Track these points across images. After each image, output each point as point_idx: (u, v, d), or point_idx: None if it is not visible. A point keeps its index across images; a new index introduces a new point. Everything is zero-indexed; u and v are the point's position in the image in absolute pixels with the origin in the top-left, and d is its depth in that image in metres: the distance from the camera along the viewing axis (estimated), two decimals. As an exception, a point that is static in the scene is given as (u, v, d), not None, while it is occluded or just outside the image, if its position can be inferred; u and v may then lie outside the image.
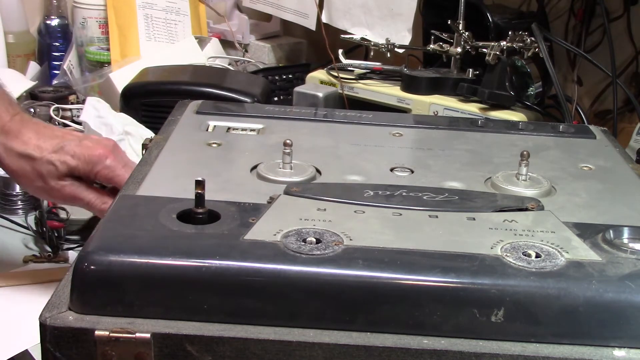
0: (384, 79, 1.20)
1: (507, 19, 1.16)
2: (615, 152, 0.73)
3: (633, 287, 0.45)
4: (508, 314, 0.44)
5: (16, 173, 0.75)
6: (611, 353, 0.45)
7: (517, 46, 1.09)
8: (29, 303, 0.78)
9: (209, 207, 0.51)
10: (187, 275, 0.45)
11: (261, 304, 0.45)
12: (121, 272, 0.45)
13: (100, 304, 0.45)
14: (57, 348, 0.45)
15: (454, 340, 0.45)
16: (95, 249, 0.46)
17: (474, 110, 1.07)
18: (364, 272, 0.45)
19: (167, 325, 0.45)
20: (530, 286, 0.45)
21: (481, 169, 0.65)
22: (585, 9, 1.25)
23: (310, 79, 1.24)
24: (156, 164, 0.62)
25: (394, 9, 1.27)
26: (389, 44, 1.21)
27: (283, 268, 0.45)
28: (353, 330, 0.45)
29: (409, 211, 0.54)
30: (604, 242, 0.50)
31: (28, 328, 0.68)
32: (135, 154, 1.03)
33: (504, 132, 0.77)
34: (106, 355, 0.44)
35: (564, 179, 0.64)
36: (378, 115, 0.81)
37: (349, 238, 0.49)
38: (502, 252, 0.48)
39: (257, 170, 0.61)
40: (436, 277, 0.45)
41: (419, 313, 0.45)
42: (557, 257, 0.48)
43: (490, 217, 0.54)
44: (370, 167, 0.64)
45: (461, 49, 1.14)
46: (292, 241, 0.48)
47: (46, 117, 1.20)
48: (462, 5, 1.13)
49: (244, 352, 0.45)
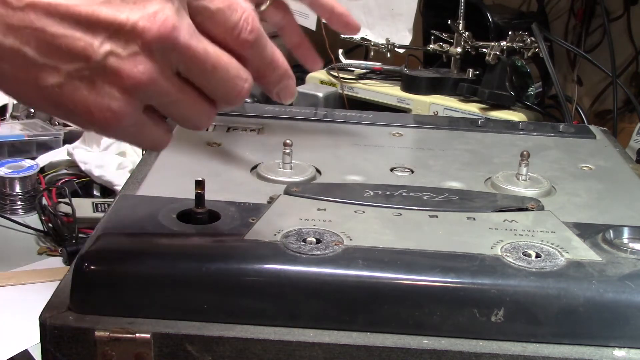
0: (384, 79, 1.20)
1: (507, 19, 1.16)
2: (615, 152, 0.73)
3: (633, 287, 0.45)
4: (508, 314, 0.44)
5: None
6: (611, 353, 0.45)
7: (517, 46, 1.09)
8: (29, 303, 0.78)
9: (209, 207, 0.51)
10: (187, 275, 0.45)
11: (261, 304, 0.45)
12: (121, 272, 0.45)
13: (100, 304, 0.45)
14: (57, 348, 0.45)
15: (454, 340, 0.45)
16: (95, 249, 0.46)
17: (474, 110, 1.07)
18: (364, 272, 0.45)
19: (167, 325, 0.45)
20: (530, 286, 0.45)
21: (481, 169, 0.65)
22: (585, 9, 1.25)
23: (310, 79, 1.24)
24: (156, 164, 0.62)
25: (394, 9, 1.27)
26: (389, 44, 1.21)
27: (283, 268, 0.45)
28: (353, 330, 0.45)
29: (409, 211, 0.54)
30: (604, 242, 0.50)
31: (28, 328, 0.68)
32: (136, 154, 1.03)
33: (504, 132, 0.77)
34: (106, 355, 0.44)
35: (564, 179, 0.64)
36: (378, 115, 0.81)
37: (349, 238, 0.49)
38: (502, 252, 0.48)
39: (257, 170, 0.61)
40: (436, 277, 0.45)
41: (419, 313, 0.45)
42: (557, 257, 0.48)
43: (490, 217, 0.54)
44: (370, 167, 0.64)
45: (461, 49, 1.13)
46: (292, 241, 0.48)
47: (46, 117, 1.20)
48: (462, 5, 1.13)
49: (244, 352, 0.45)
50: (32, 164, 1.01)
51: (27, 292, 0.81)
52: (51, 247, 0.90)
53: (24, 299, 0.80)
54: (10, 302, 0.79)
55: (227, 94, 0.42)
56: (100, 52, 0.37)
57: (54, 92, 0.38)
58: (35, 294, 0.80)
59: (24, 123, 1.18)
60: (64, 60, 0.38)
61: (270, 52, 0.43)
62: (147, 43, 0.38)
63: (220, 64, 0.40)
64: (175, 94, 0.40)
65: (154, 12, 0.38)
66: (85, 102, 0.38)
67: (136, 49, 0.38)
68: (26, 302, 0.79)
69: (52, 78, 0.38)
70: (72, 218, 0.91)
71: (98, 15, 0.37)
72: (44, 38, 0.37)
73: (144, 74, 0.38)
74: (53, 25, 0.37)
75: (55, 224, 0.91)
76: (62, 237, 0.90)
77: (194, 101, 0.41)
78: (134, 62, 0.38)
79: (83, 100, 0.38)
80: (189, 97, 0.41)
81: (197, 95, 0.41)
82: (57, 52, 0.37)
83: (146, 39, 0.38)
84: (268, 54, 0.42)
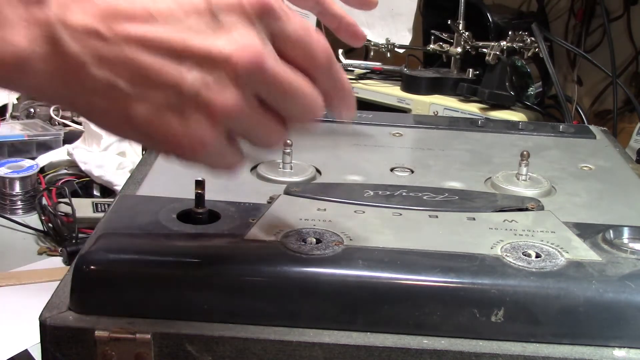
0: (384, 79, 1.20)
1: (507, 19, 1.16)
2: (615, 152, 0.73)
3: (633, 287, 0.45)
4: (508, 314, 0.44)
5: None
6: (611, 353, 0.45)
7: (517, 46, 1.09)
8: (29, 303, 0.78)
9: (209, 207, 0.51)
10: (187, 275, 0.45)
11: (261, 304, 0.45)
12: (121, 272, 0.45)
13: (100, 304, 0.45)
14: (57, 348, 0.45)
15: (454, 340, 0.45)
16: (95, 249, 0.46)
17: (474, 110, 1.07)
18: (364, 272, 0.45)
19: (167, 325, 0.45)
20: (530, 286, 0.45)
21: (481, 169, 0.65)
22: (585, 9, 1.25)
23: (310, 79, 1.24)
24: (156, 163, 0.62)
25: (394, 9, 1.27)
26: (389, 44, 1.21)
27: (283, 268, 0.45)
28: (353, 330, 0.45)
29: (409, 211, 0.54)
30: (604, 242, 0.50)
31: (28, 328, 0.68)
32: (135, 154, 1.03)
33: (504, 132, 0.77)
34: (106, 355, 0.44)
35: (564, 179, 0.64)
36: (378, 115, 0.81)
37: (349, 238, 0.49)
38: (502, 252, 0.48)
39: (257, 170, 0.61)
40: (436, 277, 0.45)
41: (419, 313, 0.45)
42: (557, 257, 0.48)
43: (490, 217, 0.54)
44: (370, 167, 0.64)
45: (461, 49, 1.13)
46: (292, 241, 0.48)
47: (46, 117, 1.20)
48: (462, 5, 1.13)
49: (244, 352, 0.45)
50: (32, 164, 1.01)
51: (27, 292, 0.81)
52: (51, 247, 0.90)
53: (24, 299, 0.80)
54: (10, 302, 0.79)
55: (303, 115, 0.42)
56: (190, 82, 0.37)
57: (144, 122, 0.38)
58: (35, 294, 0.80)
59: (24, 123, 1.18)
60: (154, 90, 0.38)
61: (338, 73, 0.43)
62: (237, 72, 0.38)
63: (299, 88, 0.41)
64: (257, 118, 0.40)
65: (244, 41, 0.38)
66: (175, 132, 0.38)
67: (226, 79, 0.38)
68: (26, 302, 0.79)
69: (142, 108, 0.38)
70: (72, 218, 0.91)
71: (190, 45, 0.37)
72: (136, 69, 0.37)
73: (233, 103, 0.38)
74: (145, 56, 0.37)
75: (55, 224, 0.92)
76: (62, 237, 0.90)
77: (270, 122, 0.41)
78: (223, 91, 0.38)
79: (172, 130, 0.38)
80: (267, 120, 0.41)
81: (272, 116, 0.41)
82: (148, 83, 0.37)
83: (237, 68, 0.38)
84: (336, 75, 0.43)
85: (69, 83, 0.37)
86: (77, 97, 0.38)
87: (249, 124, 0.40)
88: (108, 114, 0.38)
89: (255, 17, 0.38)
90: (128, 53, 0.37)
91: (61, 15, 0.36)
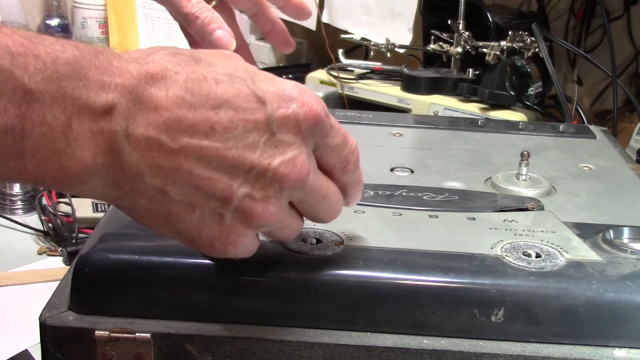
0: (384, 79, 1.20)
1: (507, 19, 1.16)
2: (615, 152, 0.73)
3: (633, 287, 0.45)
4: (508, 314, 0.44)
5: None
6: (611, 353, 0.45)
7: (517, 46, 1.09)
8: (29, 303, 0.78)
9: (209, 207, 0.51)
10: (187, 275, 0.45)
11: (261, 304, 0.45)
12: (121, 272, 0.45)
13: (100, 304, 0.45)
14: (57, 348, 0.45)
15: (454, 340, 0.45)
16: (95, 249, 0.46)
17: (474, 110, 1.07)
18: (364, 272, 0.45)
19: (167, 325, 0.45)
20: (530, 286, 0.45)
21: (481, 169, 0.65)
22: (585, 9, 1.25)
23: (310, 79, 1.24)
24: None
25: (394, 9, 1.27)
26: (389, 44, 1.21)
27: (283, 268, 0.45)
28: (353, 330, 0.45)
29: (409, 211, 0.54)
30: (604, 242, 0.50)
31: (28, 328, 0.68)
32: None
33: (504, 132, 0.77)
34: (106, 355, 0.44)
35: (564, 179, 0.64)
36: (378, 115, 0.81)
37: (349, 238, 0.49)
38: (502, 252, 0.48)
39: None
40: (436, 277, 0.45)
41: (419, 313, 0.45)
42: (557, 257, 0.48)
43: (490, 217, 0.54)
44: (370, 167, 0.64)
45: (461, 49, 1.14)
46: (292, 241, 0.48)
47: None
48: (462, 5, 1.13)
49: (244, 352, 0.45)
50: (32, 164, 1.01)
51: (27, 292, 0.81)
52: (51, 247, 0.90)
53: (24, 299, 0.80)
54: (10, 302, 0.79)
55: (326, 218, 0.44)
56: (238, 195, 0.38)
57: (183, 224, 0.39)
58: (35, 294, 0.80)
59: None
60: (202, 199, 0.38)
61: (360, 174, 0.45)
62: (283, 187, 0.39)
63: (329, 195, 0.43)
64: (284, 221, 0.42)
65: (293, 157, 0.39)
66: (210, 235, 0.40)
67: (271, 192, 0.39)
68: (26, 302, 0.79)
69: (185, 214, 0.39)
70: (72, 218, 0.91)
71: (246, 162, 0.38)
72: (188, 179, 0.37)
73: (272, 214, 0.40)
74: (202, 169, 0.37)
75: (55, 224, 0.92)
76: (62, 237, 0.90)
77: (293, 221, 0.43)
78: (266, 203, 0.39)
79: (209, 233, 0.39)
80: (292, 220, 0.43)
81: (297, 214, 0.43)
82: (198, 192, 0.38)
83: (283, 183, 0.39)
84: (358, 176, 0.45)
85: (121, 188, 0.37)
86: (124, 198, 0.38)
87: (275, 226, 0.41)
88: (148, 211, 0.39)
89: (308, 135, 0.40)
90: (185, 165, 0.37)
91: (125, 127, 0.36)
